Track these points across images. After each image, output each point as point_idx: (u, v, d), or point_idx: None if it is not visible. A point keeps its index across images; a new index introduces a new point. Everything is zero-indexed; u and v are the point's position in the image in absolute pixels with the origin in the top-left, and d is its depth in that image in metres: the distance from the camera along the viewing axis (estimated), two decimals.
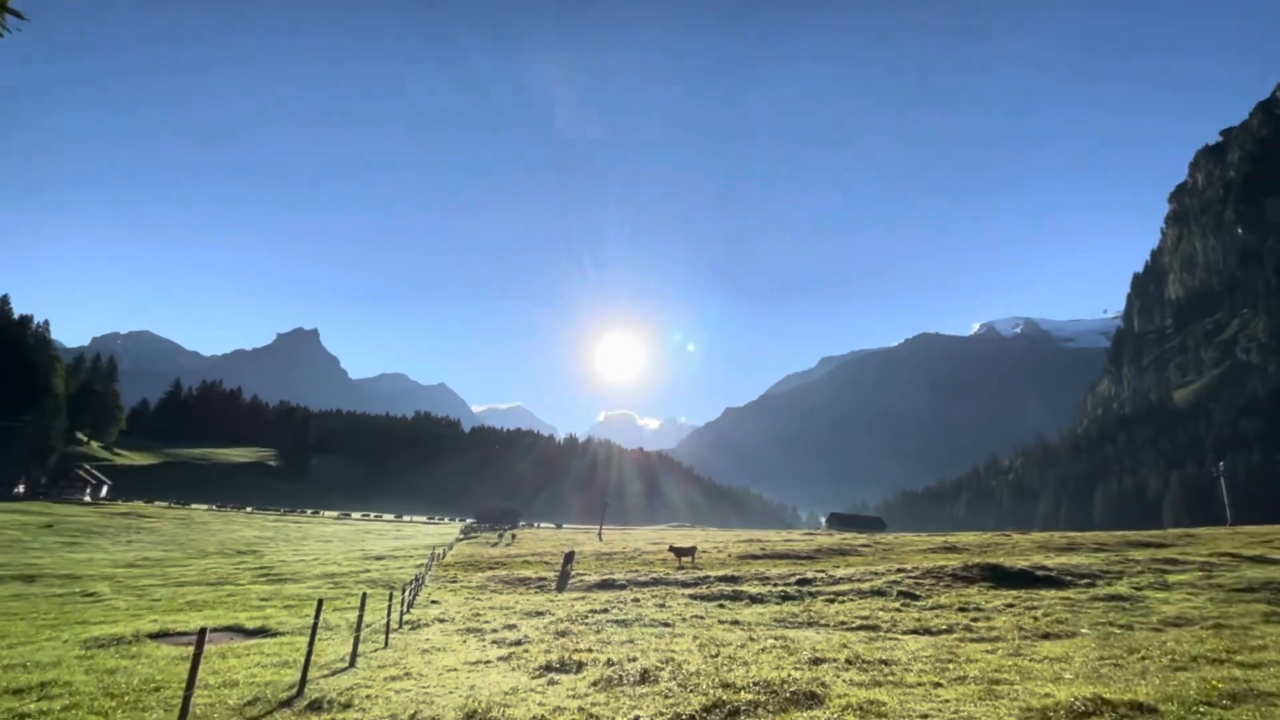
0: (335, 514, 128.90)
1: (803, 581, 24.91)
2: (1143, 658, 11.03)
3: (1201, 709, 7.75)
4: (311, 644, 10.16)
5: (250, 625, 16.72)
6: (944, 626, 15.91)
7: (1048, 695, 8.48)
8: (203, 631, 7.61)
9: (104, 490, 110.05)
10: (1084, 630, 14.73)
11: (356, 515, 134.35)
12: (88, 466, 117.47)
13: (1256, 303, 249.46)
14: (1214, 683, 8.79)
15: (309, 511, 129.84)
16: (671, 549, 37.33)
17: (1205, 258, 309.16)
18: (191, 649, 8.47)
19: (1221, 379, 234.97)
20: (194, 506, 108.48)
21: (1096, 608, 17.68)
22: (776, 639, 14.00)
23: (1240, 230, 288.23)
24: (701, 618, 18.03)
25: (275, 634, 15.72)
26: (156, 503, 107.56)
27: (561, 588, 26.38)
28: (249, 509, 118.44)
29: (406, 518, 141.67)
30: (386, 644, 14.29)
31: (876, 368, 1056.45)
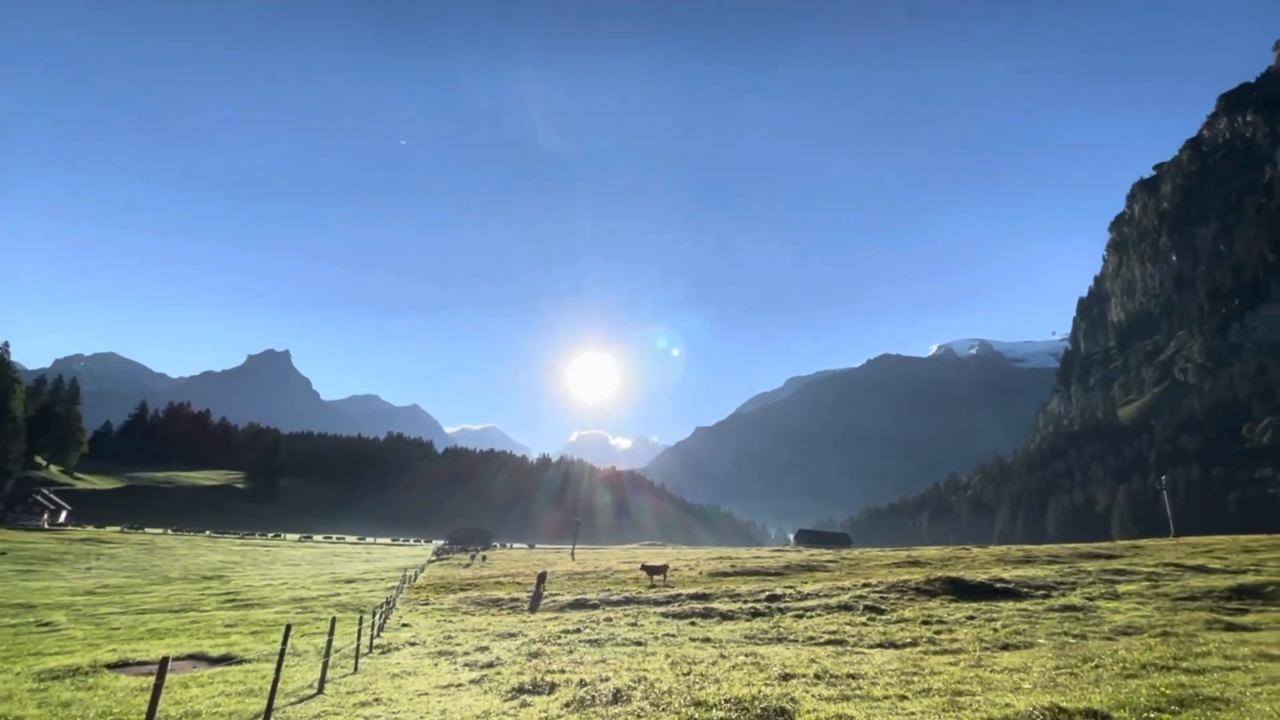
0: (296, 537, 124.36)
1: (772, 598, 25.16)
2: (1096, 666, 11.51)
3: (1151, 715, 8.06)
4: (278, 671, 9.86)
5: (214, 653, 16.13)
6: (908, 640, 16.31)
7: (1008, 705, 8.74)
8: (164, 660, 7.31)
9: (63, 515, 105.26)
10: (1041, 640, 15.29)
11: (319, 537, 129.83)
12: (46, 491, 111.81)
13: (1191, 325, 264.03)
14: (1162, 689, 9.17)
15: (270, 535, 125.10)
16: (644, 567, 37.25)
17: (1143, 283, 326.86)
18: (152, 679, 8.16)
19: (1161, 397, 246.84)
20: (150, 530, 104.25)
21: (1052, 618, 18.36)
22: (747, 656, 14.12)
23: (1174, 258, 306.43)
24: (673, 636, 18.06)
25: (241, 661, 15.22)
26: (111, 528, 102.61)
27: (534, 608, 26.05)
28: (208, 532, 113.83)
29: (370, 539, 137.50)
30: (356, 669, 13.96)
31: (841, 388, 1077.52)
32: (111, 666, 14.29)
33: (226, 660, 15.36)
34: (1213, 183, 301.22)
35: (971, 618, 19.07)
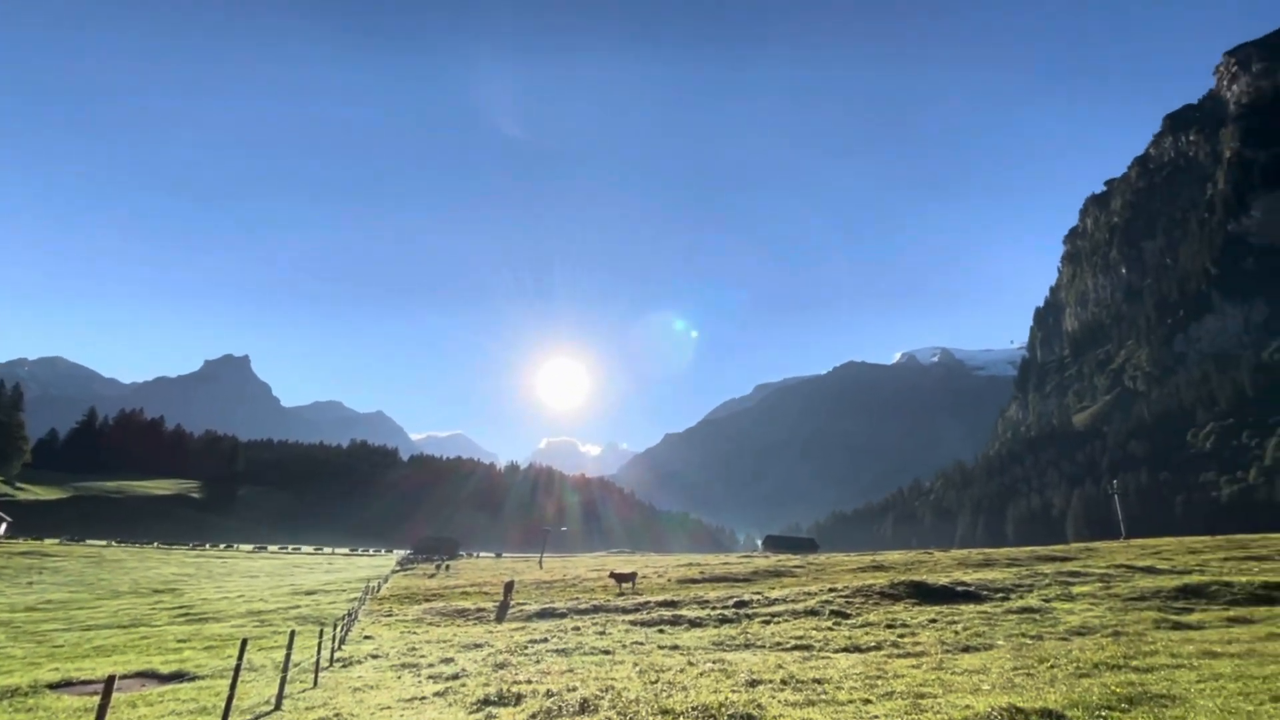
0: (250, 548, 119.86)
1: (740, 604, 25.29)
2: (1051, 666, 11.85)
3: (1103, 713, 8.34)
4: (233, 687, 9.51)
5: (165, 669, 15.44)
6: (873, 644, 16.57)
7: (968, 706, 8.93)
8: (111, 679, 6.98)
9: (2, 528, 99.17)
10: (1000, 642, 15.69)
11: (274, 548, 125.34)
12: None
13: (1139, 335, 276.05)
14: (1113, 688, 9.50)
15: (222, 546, 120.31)
16: (612, 575, 37.08)
17: (1096, 294, 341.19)
18: (97, 699, 7.76)
19: (1113, 404, 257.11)
20: (95, 542, 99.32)
21: (1010, 620, 18.86)
22: (715, 662, 14.14)
23: (1124, 270, 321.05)
24: (641, 644, 17.99)
25: (193, 678, 14.60)
26: (51, 540, 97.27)
27: (501, 618, 25.66)
28: (157, 544, 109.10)
29: (328, 549, 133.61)
30: (316, 683, 13.52)
31: (808, 395, 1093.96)
32: (54, 686, 13.55)
33: (178, 677, 14.71)
34: (1159, 199, 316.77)
35: (934, 621, 19.47)
